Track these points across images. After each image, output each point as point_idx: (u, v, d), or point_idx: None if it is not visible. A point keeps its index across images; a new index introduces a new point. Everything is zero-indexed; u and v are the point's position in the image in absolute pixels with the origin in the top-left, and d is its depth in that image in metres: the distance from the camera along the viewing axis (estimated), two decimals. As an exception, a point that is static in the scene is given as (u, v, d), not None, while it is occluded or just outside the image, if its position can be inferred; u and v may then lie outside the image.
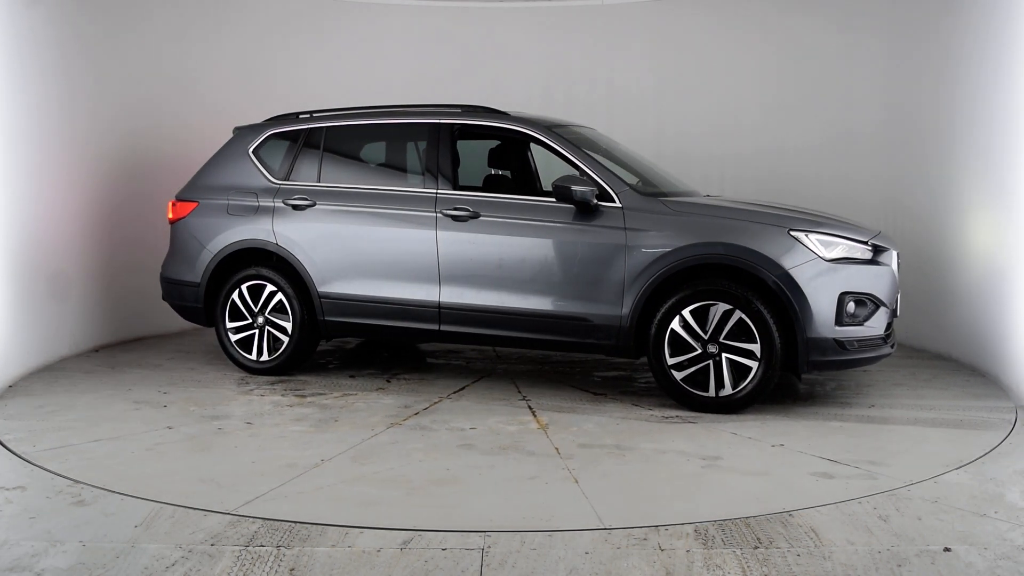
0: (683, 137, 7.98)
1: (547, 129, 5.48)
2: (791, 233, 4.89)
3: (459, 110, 5.72)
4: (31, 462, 4.12)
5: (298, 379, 5.83)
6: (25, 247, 5.80)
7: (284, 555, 3.11)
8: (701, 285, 4.93)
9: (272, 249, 5.79)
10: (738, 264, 4.88)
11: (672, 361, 4.99)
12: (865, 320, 4.94)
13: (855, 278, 4.90)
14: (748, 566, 3.05)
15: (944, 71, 6.45)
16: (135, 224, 7.00)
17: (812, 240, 4.88)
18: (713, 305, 4.90)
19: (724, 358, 4.89)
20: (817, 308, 4.80)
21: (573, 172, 5.29)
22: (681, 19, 8.06)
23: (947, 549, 3.19)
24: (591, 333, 5.16)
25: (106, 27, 6.71)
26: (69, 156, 6.40)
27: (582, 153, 5.34)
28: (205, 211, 6.03)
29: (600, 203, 5.14)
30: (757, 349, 4.84)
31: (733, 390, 4.91)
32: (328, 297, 5.67)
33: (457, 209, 5.39)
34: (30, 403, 5.18)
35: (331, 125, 5.93)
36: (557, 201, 5.21)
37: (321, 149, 5.90)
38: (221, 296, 5.94)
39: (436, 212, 5.44)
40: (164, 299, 6.31)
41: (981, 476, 4.00)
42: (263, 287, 5.84)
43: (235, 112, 6.98)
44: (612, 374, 6.01)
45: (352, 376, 5.93)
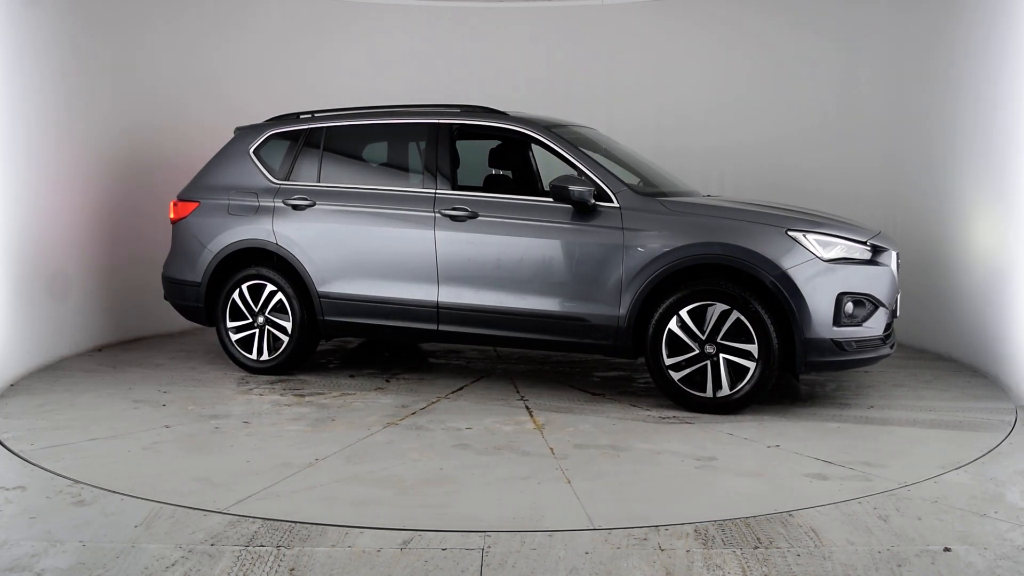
0: (683, 137, 7.96)
1: (545, 129, 5.48)
2: (789, 233, 4.87)
3: (458, 110, 5.73)
4: (28, 460, 4.15)
5: (298, 378, 5.84)
6: (26, 247, 5.83)
7: (284, 555, 3.12)
8: (699, 285, 4.92)
9: (272, 249, 5.81)
10: (736, 264, 4.87)
11: (670, 361, 4.98)
12: (864, 321, 4.92)
13: (853, 278, 4.88)
14: (748, 566, 3.04)
15: (946, 69, 6.41)
16: (137, 223, 7.04)
17: (810, 240, 4.86)
18: (711, 305, 4.88)
19: (722, 358, 4.88)
20: (815, 308, 4.78)
21: (571, 172, 5.29)
22: (681, 19, 8.05)
23: (947, 549, 3.18)
24: (589, 333, 5.15)
25: (106, 27, 6.73)
26: (71, 156, 6.44)
27: (580, 153, 5.34)
28: (206, 211, 6.05)
29: (598, 203, 5.13)
30: (755, 350, 4.82)
31: (730, 391, 4.89)
32: (327, 297, 5.69)
33: (455, 209, 5.39)
34: (30, 402, 5.21)
35: (331, 125, 5.95)
36: (555, 201, 5.20)
37: (321, 149, 5.91)
38: (222, 296, 5.97)
39: (435, 212, 5.44)
40: (166, 298, 6.34)
41: (981, 476, 3.99)
42: (263, 287, 5.86)
43: (236, 112, 7.00)
44: (612, 374, 6.01)
45: (352, 376, 5.94)
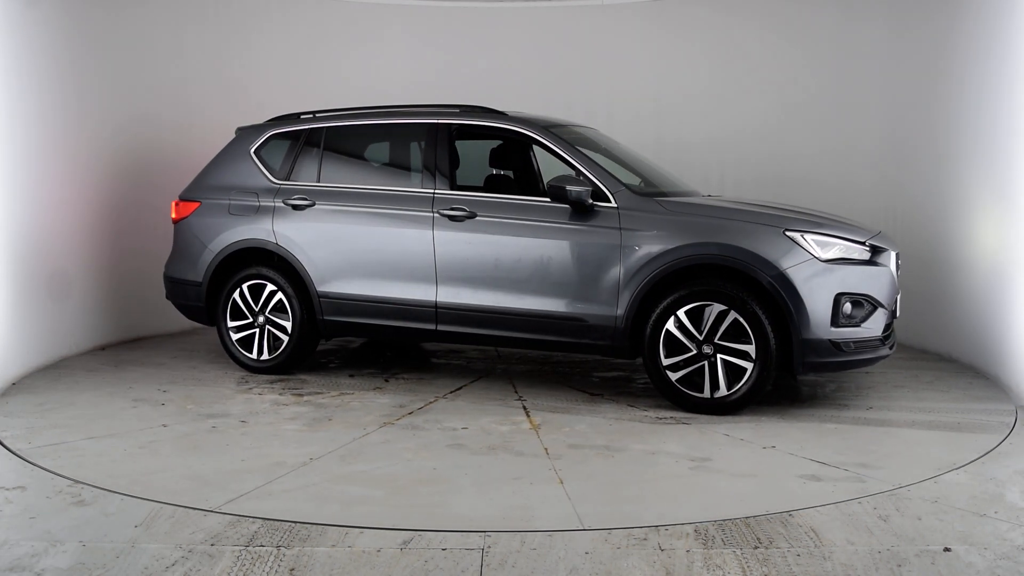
0: (683, 137, 7.95)
1: (544, 129, 5.47)
2: (786, 233, 4.85)
3: (457, 110, 5.73)
4: (25, 459, 4.17)
5: (298, 378, 5.86)
6: (28, 247, 5.87)
7: (284, 555, 3.12)
8: (696, 286, 4.91)
9: (272, 249, 5.83)
10: (733, 264, 4.85)
11: (667, 362, 4.97)
12: (862, 321, 4.89)
13: (851, 279, 4.86)
14: (748, 566, 3.04)
15: (946, 71, 6.38)
16: (140, 222, 7.07)
17: (808, 240, 4.84)
18: (708, 306, 4.87)
19: (719, 359, 4.86)
20: (812, 309, 4.76)
21: (569, 172, 5.29)
22: (681, 19, 8.04)
23: (947, 549, 3.18)
24: (586, 333, 5.14)
25: (106, 26, 6.75)
26: (72, 155, 6.46)
27: (578, 153, 5.33)
28: (207, 211, 6.07)
29: (595, 203, 5.13)
30: (752, 350, 4.81)
31: (728, 391, 4.88)
32: (327, 297, 5.70)
33: (454, 209, 5.40)
34: (31, 400, 5.24)
35: (331, 125, 5.96)
36: (553, 201, 5.20)
37: (321, 149, 5.93)
38: (222, 295, 5.99)
39: (433, 212, 5.45)
40: (168, 298, 6.37)
41: (981, 476, 3.97)
42: (263, 286, 5.87)
43: (237, 111, 7.04)
44: (611, 375, 6.00)
45: (352, 376, 5.95)
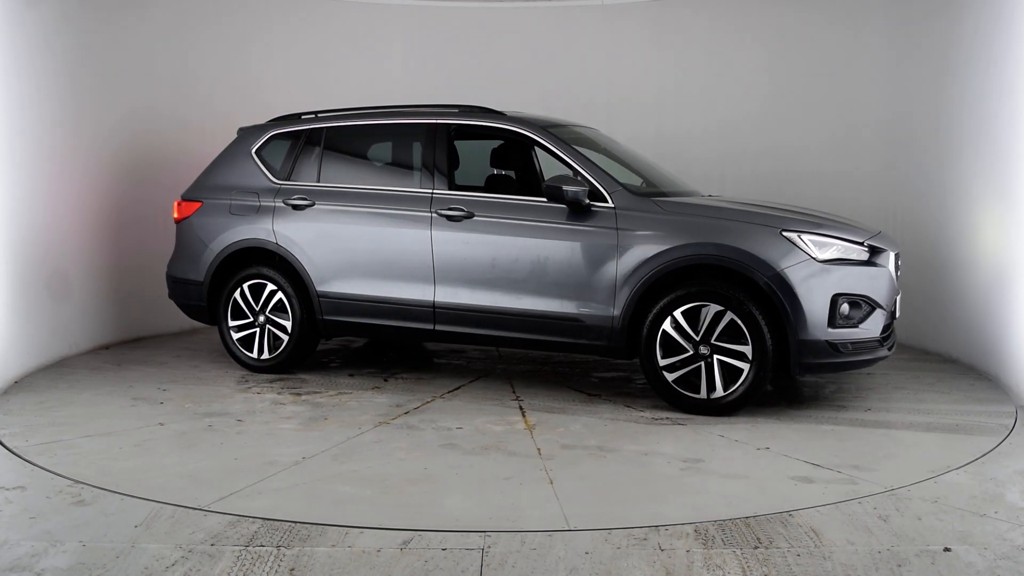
0: (683, 136, 7.94)
1: (542, 129, 5.47)
2: (783, 234, 4.83)
3: (456, 110, 5.73)
4: (21, 456, 4.20)
5: (298, 377, 5.88)
6: (31, 247, 5.91)
7: (284, 555, 3.13)
8: (693, 286, 4.89)
9: (272, 248, 5.85)
10: (730, 265, 4.83)
11: (664, 362, 4.95)
12: (860, 322, 4.86)
13: (849, 279, 4.83)
14: (748, 566, 3.04)
15: (947, 69, 6.33)
16: (144, 222, 7.12)
17: (805, 241, 4.81)
18: (705, 306, 4.85)
19: (715, 360, 4.85)
20: (809, 310, 4.74)
21: (567, 172, 5.28)
22: (681, 19, 8.02)
23: (947, 549, 3.17)
24: (583, 333, 5.14)
25: (108, 26, 6.79)
26: (76, 155, 6.51)
27: (575, 153, 5.32)
28: (209, 211, 6.10)
29: (592, 203, 5.12)
30: (748, 351, 4.79)
31: (724, 392, 4.86)
32: (326, 296, 5.72)
33: (452, 209, 5.40)
34: (32, 399, 5.29)
35: (330, 126, 5.98)
36: (549, 201, 5.19)
37: (321, 149, 5.95)
38: (223, 295, 6.02)
39: (431, 212, 5.45)
40: (170, 297, 6.40)
41: (981, 476, 3.96)
42: (264, 286, 5.90)
43: (238, 111, 7.08)
44: (610, 375, 5.99)
45: (351, 375, 5.96)
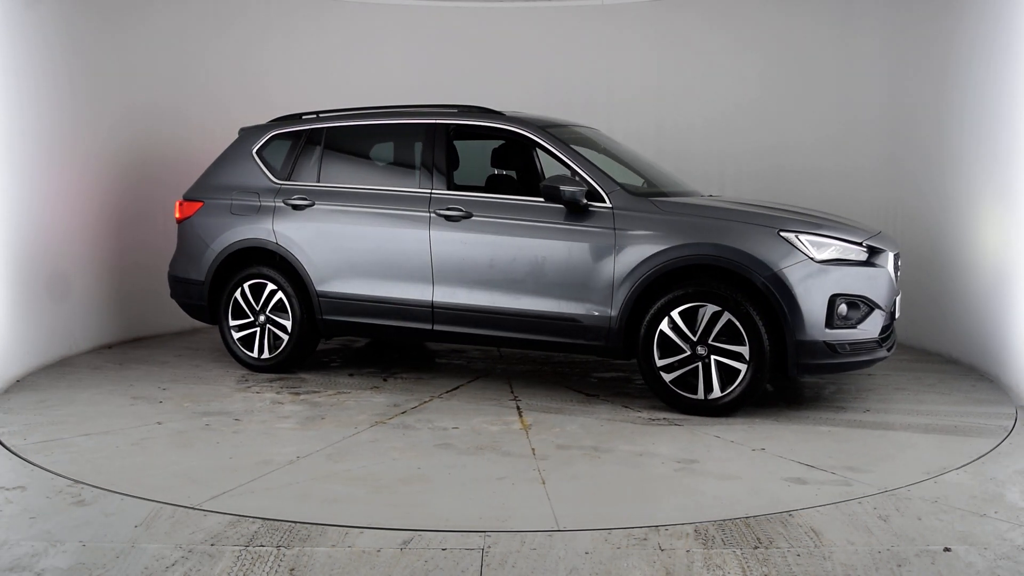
0: (683, 136, 7.93)
1: (540, 129, 5.47)
2: (781, 234, 4.81)
3: (455, 110, 5.74)
4: (19, 455, 4.23)
5: (298, 377, 5.90)
6: (33, 247, 5.95)
7: (284, 555, 3.13)
8: (690, 286, 4.88)
9: (272, 248, 5.87)
10: (727, 265, 4.82)
11: (661, 363, 4.94)
12: (858, 323, 4.84)
13: (847, 280, 4.80)
14: (748, 566, 3.03)
15: (947, 68, 6.30)
16: (148, 221, 7.15)
17: (802, 241, 4.79)
18: (702, 307, 4.84)
19: (713, 360, 4.83)
20: (807, 310, 4.72)
21: (565, 172, 5.28)
22: (681, 19, 8.01)
23: (947, 549, 3.16)
24: (581, 334, 5.13)
25: (107, 27, 6.81)
26: (76, 154, 6.53)
27: (573, 153, 5.32)
28: (210, 211, 6.13)
29: (590, 203, 5.11)
30: (746, 351, 4.77)
31: (721, 392, 4.85)
32: (326, 296, 5.73)
33: (450, 209, 5.41)
34: (32, 397, 5.32)
35: (330, 126, 6.00)
36: (547, 201, 5.19)
37: (321, 149, 5.96)
38: (224, 294, 6.04)
39: (430, 212, 5.46)
40: (172, 297, 6.43)
41: (981, 476, 3.95)
42: (264, 286, 5.92)
43: (239, 111, 7.10)
44: (609, 375, 5.98)
45: (351, 375, 5.98)
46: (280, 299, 5.87)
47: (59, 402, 5.22)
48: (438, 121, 5.67)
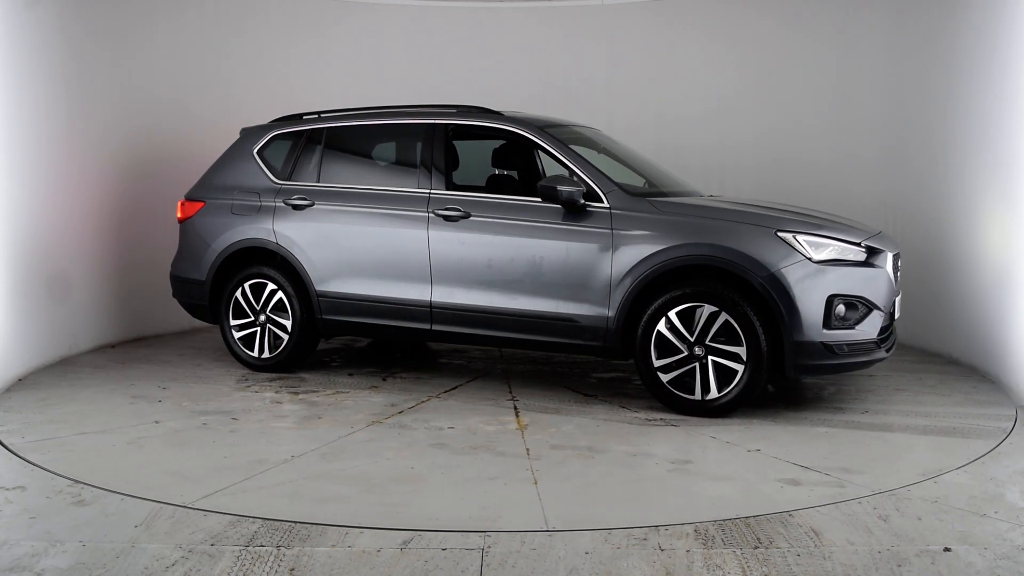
0: (682, 136, 7.91)
1: (539, 129, 5.46)
2: (778, 234, 4.79)
3: (454, 110, 5.74)
4: (17, 454, 4.25)
5: (298, 376, 5.91)
6: (35, 246, 5.98)
7: (284, 555, 3.14)
8: (688, 286, 4.87)
9: (272, 248, 5.89)
10: (724, 265, 4.80)
11: (658, 363, 4.93)
12: (856, 324, 4.81)
13: (845, 280, 4.78)
14: (748, 566, 3.03)
15: (948, 71, 6.26)
16: (149, 221, 7.18)
17: (800, 241, 4.78)
18: (699, 307, 4.82)
19: (710, 361, 4.82)
20: (805, 311, 4.70)
21: (563, 172, 5.27)
22: (680, 19, 7.99)
23: (947, 549, 3.16)
24: (578, 334, 5.12)
25: (107, 27, 6.84)
26: (76, 153, 6.55)
27: (571, 153, 5.31)
28: (211, 211, 6.15)
29: (588, 203, 5.11)
30: (743, 352, 4.76)
31: (719, 393, 4.83)
32: (325, 296, 5.75)
33: (449, 209, 5.41)
34: (33, 396, 5.35)
35: (330, 126, 6.01)
36: (544, 201, 5.19)
37: (321, 149, 5.98)
38: (225, 294, 6.07)
39: (428, 212, 5.46)
40: (173, 296, 6.46)
41: (981, 476, 3.94)
42: (264, 285, 5.94)
43: (240, 111, 7.12)
44: (608, 376, 5.97)
45: (351, 374, 5.99)
46: (280, 299, 5.89)
47: (59, 401, 5.25)
48: (437, 121, 5.67)
